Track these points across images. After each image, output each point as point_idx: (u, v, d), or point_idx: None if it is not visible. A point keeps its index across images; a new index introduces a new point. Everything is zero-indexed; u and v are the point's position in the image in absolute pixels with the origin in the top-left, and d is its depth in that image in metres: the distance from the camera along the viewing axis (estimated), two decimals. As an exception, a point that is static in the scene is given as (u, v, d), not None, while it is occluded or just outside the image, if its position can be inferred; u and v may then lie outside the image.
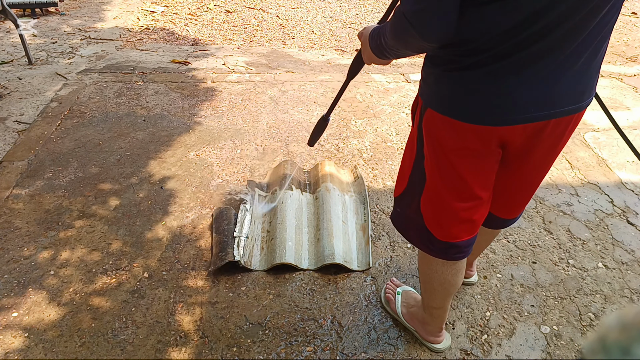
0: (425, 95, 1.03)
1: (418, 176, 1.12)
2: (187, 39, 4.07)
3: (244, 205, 1.97)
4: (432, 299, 1.35)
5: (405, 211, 1.22)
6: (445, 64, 0.95)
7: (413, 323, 1.50)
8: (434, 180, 1.08)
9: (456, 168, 1.03)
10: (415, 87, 3.25)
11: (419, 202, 1.14)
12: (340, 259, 1.73)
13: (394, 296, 1.58)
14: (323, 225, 1.86)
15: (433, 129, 1.02)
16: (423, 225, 1.15)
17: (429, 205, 1.12)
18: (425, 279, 1.30)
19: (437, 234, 1.14)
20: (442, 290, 1.28)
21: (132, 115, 2.71)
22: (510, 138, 0.98)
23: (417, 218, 1.16)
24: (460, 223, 1.11)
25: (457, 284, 1.27)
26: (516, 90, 0.90)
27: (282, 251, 1.74)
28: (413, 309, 1.51)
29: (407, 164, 1.17)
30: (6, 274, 1.68)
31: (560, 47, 0.86)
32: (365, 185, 2.14)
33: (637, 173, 2.41)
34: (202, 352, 1.45)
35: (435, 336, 1.46)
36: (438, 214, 1.12)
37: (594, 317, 1.63)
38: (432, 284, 1.28)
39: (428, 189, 1.11)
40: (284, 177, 2.09)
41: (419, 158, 1.10)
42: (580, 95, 0.95)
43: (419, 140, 1.08)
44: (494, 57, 0.87)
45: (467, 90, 0.93)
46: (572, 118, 0.99)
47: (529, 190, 1.20)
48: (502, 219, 1.30)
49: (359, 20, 4.78)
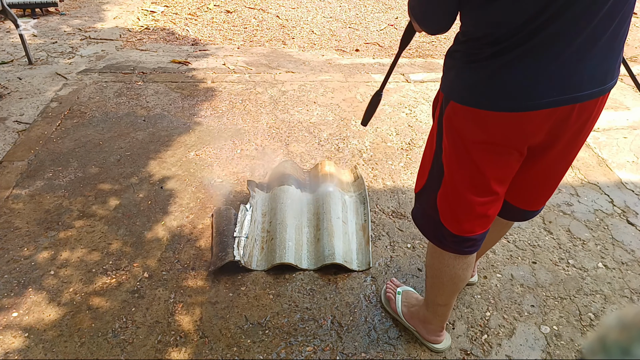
0: (447, 88, 1.04)
1: (437, 171, 1.13)
2: (187, 39, 4.07)
3: (244, 205, 1.97)
4: (439, 295, 1.35)
5: (424, 207, 1.23)
6: (465, 57, 0.97)
7: (414, 323, 1.50)
8: (452, 174, 1.08)
9: (475, 162, 1.03)
10: (415, 87, 3.25)
11: (436, 198, 1.15)
12: (340, 259, 1.73)
13: (394, 296, 1.58)
14: (323, 225, 1.86)
15: (455, 121, 1.02)
16: (438, 220, 1.16)
17: (445, 200, 1.13)
18: (435, 273, 1.30)
19: (452, 228, 1.14)
20: (451, 285, 1.28)
21: (132, 115, 2.71)
22: (534, 127, 0.97)
23: (433, 213, 1.17)
24: (475, 218, 1.12)
25: (466, 278, 1.27)
26: (537, 75, 0.90)
27: (282, 251, 1.74)
28: (414, 309, 1.51)
29: (427, 160, 1.17)
30: (6, 274, 1.68)
31: (576, 29, 0.86)
32: (365, 185, 2.14)
33: (637, 173, 2.41)
34: (202, 352, 1.45)
35: (436, 336, 1.46)
36: (454, 208, 1.12)
37: (594, 317, 1.63)
38: (442, 279, 1.28)
39: (445, 184, 1.11)
40: (284, 176, 2.09)
41: (438, 153, 1.11)
42: (603, 77, 0.95)
43: (439, 135, 1.09)
44: (510, 46, 0.89)
45: (489, 79, 0.94)
46: (597, 103, 0.98)
47: (555, 181, 1.20)
48: (522, 210, 1.28)
49: (359, 20, 4.78)
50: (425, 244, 1.90)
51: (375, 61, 3.73)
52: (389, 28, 4.57)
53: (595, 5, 0.84)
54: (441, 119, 1.06)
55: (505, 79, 0.92)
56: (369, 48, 4.07)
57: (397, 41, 4.20)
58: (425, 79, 3.41)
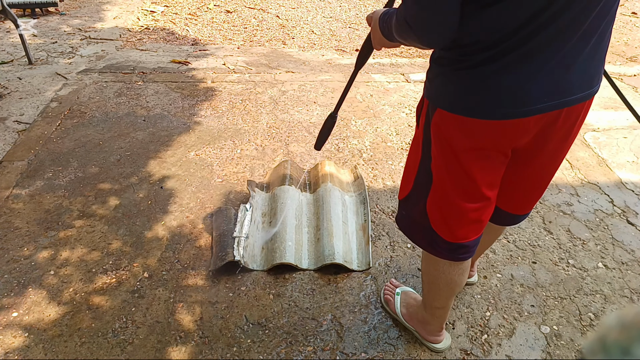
0: (434, 96, 1.02)
1: (424, 178, 1.12)
2: (187, 39, 4.07)
3: (244, 205, 1.97)
4: (435, 299, 1.35)
5: (410, 214, 1.22)
6: (452, 64, 0.95)
7: (413, 323, 1.50)
8: (442, 182, 1.07)
9: (466, 169, 1.02)
10: (415, 87, 3.25)
11: (425, 205, 1.13)
12: (340, 259, 1.73)
13: (392, 297, 1.58)
14: (323, 225, 1.86)
15: (443, 129, 1.01)
16: (429, 227, 1.15)
17: (435, 207, 1.12)
18: (430, 279, 1.30)
19: (445, 236, 1.13)
20: (448, 290, 1.28)
21: (132, 115, 2.71)
22: (523, 132, 0.97)
23: (423, 220, 1.16)
24: (469, 224, 1.11)
25: (462, 283, 1.27)
26: (527, 81, 0.90)
27: (282, 251, 1.74)
28: (412, 309, 1.51)
29: (411, 167, 1.16)
30: (6, 273, 1.68)
31: (567, 34, 0.86)
32: (365, 185, 2.14)
33: (637, 173, 2.41)
34: (202, 352, 1.45)
35: (436, 336, 1.46)
36: (446, 216, 1.11)
37: (594, 317, 1.63)
38: (438, 285, 1.28)
39: (435, 191, 1.10)
40: (284, 177, 2.09)
41: (425, 160, 1.10)
42: (590, 80, 0.95)
43: (425, 142, 1.07)
44: (502, 52, 0.87)
45: (478, 86, 0.92)
46: (583, 107, 0.99)
47: (542, 186, 1.20)
48: (512, 215, 1.29)
49: (359, 20, 4.78)
50: (425, 244, 1.90)
51: (375, 61, 3.73)
52: (389, 28, 4.57)
53: (586, 11, 0.84)
54: (428, 126, 1.04)
55: (497, 86, 0.91)
56: (369, 48, 4.06)
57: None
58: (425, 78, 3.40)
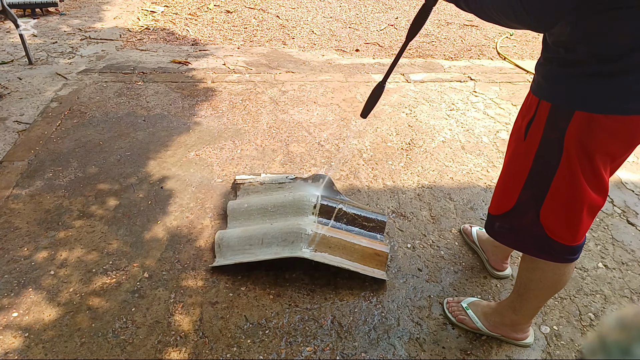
0: (570, 98, 0.99)
1: (536, 188, 1.12)
2: (187, 39, 4.07)
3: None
4: (541, 301, 1.36)
5: (517, 225, 1.22)
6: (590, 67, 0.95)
7: (499, 331, 1.50)
8: (570, 188, 1.07)
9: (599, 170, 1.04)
10: (415, 87, 3.25)
11: (538, 214, 1.14)
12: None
13: (465, 314, 1.56)
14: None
15: (586, 131, 0.99)
16: (544, 235, 1.16)
17: (554, 215, 1.12)
18: (542, 285, 1.29)
19: (565, 241, 1.15)
20: (558, 289, 1.30)
21: (132, 115, 2.71)
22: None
23: (535, 229, 1.16)
24: (589, 222, 1.14)
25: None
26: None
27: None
28: (494, 318, 1.50)
29: (516, 179, 1.16)
30: (6, 274, 1.68)
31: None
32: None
33: (637, 173, 2.41)
34: (202, 352, 1.45)
35: (526, 332, 1.49)
36: (570, 221, 1.12)
37: (594, 317, 1.63)
38: (556, 288, 1.29)
39: (554, 199, 1.10)
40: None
41: (539, 169, 1.10)
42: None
43: (545, 151, 1.07)
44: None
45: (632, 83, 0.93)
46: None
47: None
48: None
49: (359, 20, 4.78)
50: (425, 244, 1.90)
51: (375, 61, 3.73)
52: (389, 28, 4.57)
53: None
54: (561, 134, 1.02)
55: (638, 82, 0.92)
56: (369, 48, 4.07)
57: (397, 41, 4.20)
58: (425, 79, 3.41)
